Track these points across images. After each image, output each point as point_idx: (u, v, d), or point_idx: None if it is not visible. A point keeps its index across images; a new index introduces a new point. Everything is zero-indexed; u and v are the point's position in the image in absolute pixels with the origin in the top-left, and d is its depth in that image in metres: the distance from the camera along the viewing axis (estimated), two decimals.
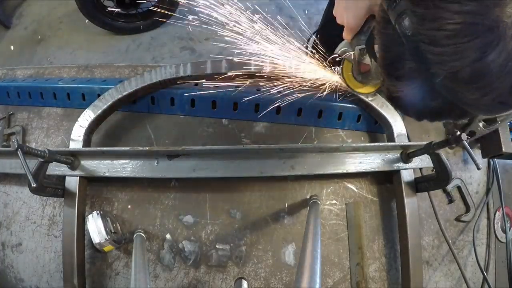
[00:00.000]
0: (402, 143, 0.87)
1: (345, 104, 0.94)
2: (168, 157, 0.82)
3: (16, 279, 0.87)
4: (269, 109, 0.87)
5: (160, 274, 0.84)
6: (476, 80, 0.38)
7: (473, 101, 0.41)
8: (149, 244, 0.85)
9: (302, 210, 0.90)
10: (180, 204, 0.88)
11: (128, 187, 0.89)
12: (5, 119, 0.99)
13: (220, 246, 0.86)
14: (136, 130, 0.94)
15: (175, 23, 0.79)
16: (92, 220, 0.78)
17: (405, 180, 0.87)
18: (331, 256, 0.88)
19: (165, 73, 0.85)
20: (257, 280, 0.85)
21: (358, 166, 0.86)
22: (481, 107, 0.43)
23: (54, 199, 0.89)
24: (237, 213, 0.88)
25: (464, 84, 0.39)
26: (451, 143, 0.71)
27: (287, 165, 0.83)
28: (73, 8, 2.03)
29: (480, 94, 0.39)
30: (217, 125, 0.94)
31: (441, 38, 0.38)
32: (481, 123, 0.94)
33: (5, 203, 0.91)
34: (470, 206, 0.99)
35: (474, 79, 0.38)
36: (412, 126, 1.00)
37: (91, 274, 0.83)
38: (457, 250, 0.96)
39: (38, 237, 0.88)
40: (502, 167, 1.08)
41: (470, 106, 0.43)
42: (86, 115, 0.86)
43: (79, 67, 1.06)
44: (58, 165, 0.81)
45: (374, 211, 0.92)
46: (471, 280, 0.95)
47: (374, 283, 0.87)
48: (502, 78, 0.37)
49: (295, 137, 0.95)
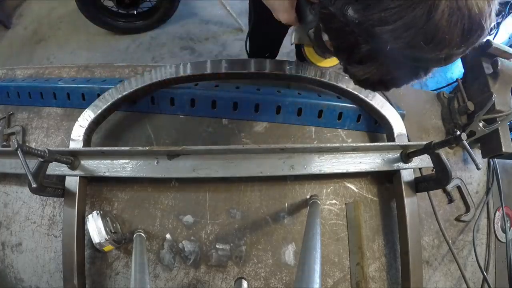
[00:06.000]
0: (402, 143, 0.87)
1: (345, 104, 0.94)
2: (168, 157, 0.82)
3: (16, 279, 0.87)
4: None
5: (160, 274, 0.84)
6: (431, 40, 0.41)
7: (433, 58, 0.45)
8: (149, 244, 0.85)
9: (302, 210, 0.90)
10: (180, 204, 0.88)
11: (128, 187, 0.89)
12: (5, 119, 0.99)
13: (220, 246, 0.86)
14: (136, 130, 0.94)
15: (175, 23, 0.79)
16: (92, 220, 0.78)
17: (405, 180, 0.87)
18: (331, 256, 0.88)
19: (165, 73, 0.85)
20: (257, 280, 0.85)
21: (358, 166, 0.86)
22: (442, 60, 0.46)
23: (54, 199, 0.89)
24: (237, 213, 0.88)
25: (422, 47, 0.42)
26: (451, 143, 0.71)
27: (287, 165, 0.83)
28: (73, 8, 2.03)
29: (438, 49, 0.43)
30: (217, 125, 0.94)
31: (389, 16, 0.41)
32: (481, 123, 0.95)
33: (5, 203, 0.91)
34: (470, 206, 0.99)
35: (428, 40, 0.41)
36: (412, 126, 1.00)
37: (91, 274, 0.83)
38: (457, 250, 0.96)
39: (38, 237, 0.88)
40: (502, 167, 1.08)
41: (432, 62, 0.47)
42: (86, 115, 0.86)
43: (79, 67, 1.06)
44: (58, 165, 0.81)
45: (374, 211, 0.92)
46: (471, 280, 0.95)
47: (374, 283, 0.87)
48: (452, 30, 0.41)
49: (295, 137, 0.95)
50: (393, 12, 0.41)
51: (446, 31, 0.41)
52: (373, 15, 0.42)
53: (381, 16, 0.41)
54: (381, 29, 0.42)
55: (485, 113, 0.93)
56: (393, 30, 0.41)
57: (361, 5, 0.43)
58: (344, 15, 0.45)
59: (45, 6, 2.45)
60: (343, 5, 0.45)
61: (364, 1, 0.43)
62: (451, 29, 0.41)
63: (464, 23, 0.40)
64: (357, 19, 0.44)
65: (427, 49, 0.42)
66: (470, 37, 0.42)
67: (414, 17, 0.40)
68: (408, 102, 1.03)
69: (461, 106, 1.01)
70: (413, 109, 1.03)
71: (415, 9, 0.40)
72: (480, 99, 0.96)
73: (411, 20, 0.40)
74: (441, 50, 0.43)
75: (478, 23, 0.41)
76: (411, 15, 0.40)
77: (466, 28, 0.41)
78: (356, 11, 0.43)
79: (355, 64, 0.52)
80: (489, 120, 0.95)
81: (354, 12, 0.44)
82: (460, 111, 1.01)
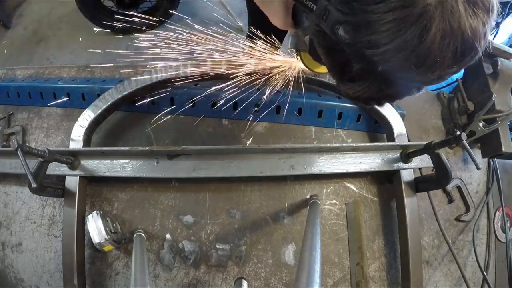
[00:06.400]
0: (402, 143, 0.87)
1: (345, 104, 0.94)
2: (168, 157, 0.82)
3: (16, 279, 0.87)
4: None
5: (160, 274, 0.84)
6: (423, 62, 0.41)
7: (426, 80, 0.45)
8: (149, 244, 0.85)
9: (302, 210, 0.90)
10: (180, 204, 0.88)
11: (128, 187, 0.89)
12: (5, 119, 0.99)
13: (220, 246, 0.86)
14: (136, 130, 0.94)
15: (175, 23, 0.80)
16: (92, 220, 0.78)
17: (405, 180, 0.87)
18: (331, 256, 0.88)
19: (165, 73, 0.85)
20: (257, 280, 0.85)
21: (358, 166, 0.86)
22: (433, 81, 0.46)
23: (54, 199, 0.89)
24: (237, 213, 0.88)
25: (413, 70, 0.42)
26: (451, 143, 0.71)
27: (287, 165, 0.83)
28: (73, 8, 2.03)
29: (430, 71, 0.42)
30: (217, 125, 0.94)
31: (380, 39, 0.40)
32: (481, 123, 0.95)
33: (5, 203, 0.91)
34: (470, 206, 0.99)
35: (420, 63, 0.41)
36: (412, 126, 1.00)
37: (91, 274, 0.83)
38: (457, 250, 0.96)
39: (38, 237, 0.88)
40: (502, 167, 1.08)
41: (424, 82, 0.47)
42: (86, 115, 0.86)
43: (79, 67, 1.06)
44: (58, 165, 0.81)
45: (374, 211, 0.92)
46: (471, 280, 0.95)
47: (374, 283, 0.87)
48: (444, 52, 0.40)
49: (295, 137, 0.95)
50: (383, 36, 0.40)
51: (438, 54, 0.40)
52: (363, 37, 0.41)
53: (371, 39, 0.41)
54: (371, 52, 0.41)
55: (485, 113, 0.93)
56: (383, 52, 0.41)
57: (352, 26, 0.42)
58: (335, 34, 0.44)
59: (45, 6, 2.44)
60: (334, 24, 0.44)
61: (354, 23, 0.42)
62: (443, 52, 0.40)
63: (456, 46, 0.39)
64: (348, 40, 0.43)
65: (418, 71, 0.42)
66: (463, 59, 0.41)
67: (405, 40, 0.39)
68: (408, 102, 1.03)
69: (461, 106, 1.01)
70: (413, 109, 1.03)
71: (406, 32, 0.39)
72: (480, 99, 0.96)
73: (401, 43, 0.39)
74: (433, 72, 0.42)
75: (471, 45, 0.40)
76: (402, 38, 0.39)
77: (459, 51, 0.40)
78: (346, 32, 0.43)
79: (346, 82, 0.52)
80: (489, 120, 0.95)
81: (344, 32, 0.43)
82: (460, 111, 1.01)
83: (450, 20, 0.38)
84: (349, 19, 0.42)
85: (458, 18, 0.38)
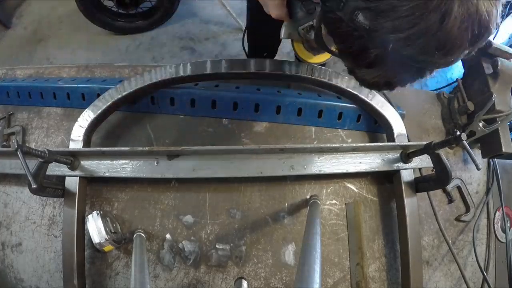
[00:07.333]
0: (402, 143, 0.87)
1: (345, 104, 0.94)
2: (168, 157, 0.82)
3: (16, 279, 0.87)
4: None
5: (160, 274, 0.84)
6: (443, 46, 0.43)
7: (444, 62, 0.46)
8: (149, 244, 0.85)
9: (302, 210, 0.90)
10: (180, 204, 0.88)
11: (128, 187, 0.89)
12: (5, 119, 0.99)
13: (220, 246, 0.86)
14: (136, 130, 0.94)
15: (175, 23, 0.79)
16: (92, 220, 0.78)
17: (405, 180, 0.87)
18: (331, 256, 0.88)
19: (165, 73, 0.85)
20: (257, 280, 0.85)
21: (358, 166, 0.86)
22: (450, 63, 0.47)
23: (54, 199, 0.89)
24: (237, 213, 0.88)
25: (433, 53, 0.43)
26: (451, 143, 0.71)
27: (287, 165, 0.83)
28: (73, 8, 2.03)
29: (448, 54, 0.44)
30: (217, 125, 0.94)
31: (403, 24, 0.41)
32: (481, 123, 0.95)
33: (5, 203, 0.91)
34: (470, 206, 0.99)
35: (441, 46, 0.42)
36: (412, 126, 1.00)
37: (91, 274, 0.83)
38: (457, 250, 0.96)
39: (38, 237, 0.88)
40: (502, 167, 1.08)
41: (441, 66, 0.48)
42: (86, 115, 0.86)
43: (79, 67, 1.06)
44: (58, 165, 0.81)
45: (374, 211, 0.92)
46: (471, 280, 0.95)
47: (374, 283, 0.87)
48: (462, 35, 0.42)
49: (295, 137, 0.95)
50: (406, 20, 0.41)
51: (457, 37, 0.41)
52: (385, 23, 0.42)
53: (394, 24, 0.42)
54: (393, 37, 0.42)
55: (485, 113, 0.93)
56: (405, 37, 0.42)
57: (373, 12, 0.43)
58: (353, 21, 0.45)
59: (45, 6, 2.44)
60: (353, 11, 0.44)
61: (375, 8, 0.43)
62: (461, 35, 0.41)
63: (474, 29, 0.41)
64: (368, 26, 0.44)
65: (438, 54, 0.43)
66: (478, 40, 0.43)
67: (427, 25, 0.40)
68: (408, 102, 1.03)
69: (461, 106, 1.01)
70: (413, 109, 1.03)
71: (428, 16, 0.40)
72: (480, 99, 0.96)
73: (424, 28, 0.41)
74: (451, 55, 0.44)
75: (487, 27, 0.42)
76: (424, 22, 0.40)
77: (476, 33, 0.42)
78: (367, 18, 0.44)
79: (364, 68, 0.52)
80: (489, 120, 0.95)
81: (365, 19, 0.44)
82: (460, 111, 1.01)
83: (469, 5, 0.40)
84: (371, 5, 0.43)
85: (476, 2, 0.40)
